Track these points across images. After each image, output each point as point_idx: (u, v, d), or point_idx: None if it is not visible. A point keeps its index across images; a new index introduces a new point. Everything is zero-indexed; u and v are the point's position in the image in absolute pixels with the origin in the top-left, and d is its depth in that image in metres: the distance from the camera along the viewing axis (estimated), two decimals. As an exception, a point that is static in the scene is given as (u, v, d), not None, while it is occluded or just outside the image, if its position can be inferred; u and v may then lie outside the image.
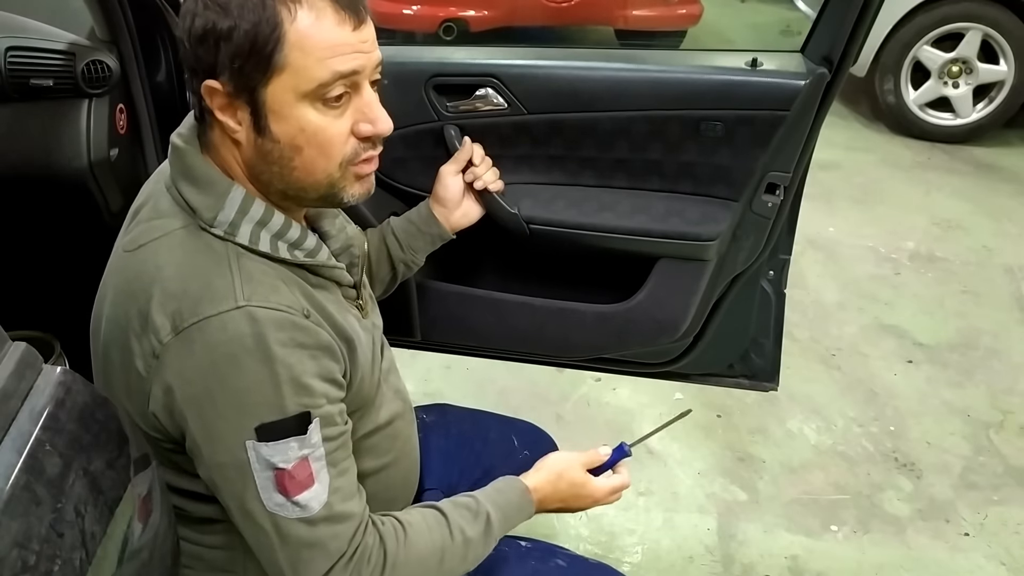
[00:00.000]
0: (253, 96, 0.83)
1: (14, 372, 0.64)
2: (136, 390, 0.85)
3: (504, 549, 1.10)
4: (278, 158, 0.86)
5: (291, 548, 0.85)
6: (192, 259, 0.84)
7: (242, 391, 0.81)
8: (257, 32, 0.80)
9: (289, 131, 0.84)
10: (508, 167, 1.36)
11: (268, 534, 0.84)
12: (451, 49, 1.69)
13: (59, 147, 1.45)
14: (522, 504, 1.03)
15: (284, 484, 0.82)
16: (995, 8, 3.91)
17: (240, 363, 0.80)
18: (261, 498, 0.83)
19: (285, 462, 0.82)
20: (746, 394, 2.29)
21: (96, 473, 0.68)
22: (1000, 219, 3.49)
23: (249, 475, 0.82)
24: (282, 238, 0.88)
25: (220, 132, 0.87)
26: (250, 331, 0.80)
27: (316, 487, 0.84)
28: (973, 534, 1.96)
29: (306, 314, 0.85)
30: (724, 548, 1.91)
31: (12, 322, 0.75)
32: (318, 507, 0.84)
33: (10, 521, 0.57)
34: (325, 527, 0.85)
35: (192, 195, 0.86)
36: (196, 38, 0.82)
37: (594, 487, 1.08)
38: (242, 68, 0.81)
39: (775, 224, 1.39)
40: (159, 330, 0.81)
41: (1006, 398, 2.43)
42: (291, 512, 0.83)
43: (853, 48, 1.24)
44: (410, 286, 1.47)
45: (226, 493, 0.85)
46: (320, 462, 0.84)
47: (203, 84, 0.83)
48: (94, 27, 1.52)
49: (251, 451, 0.81)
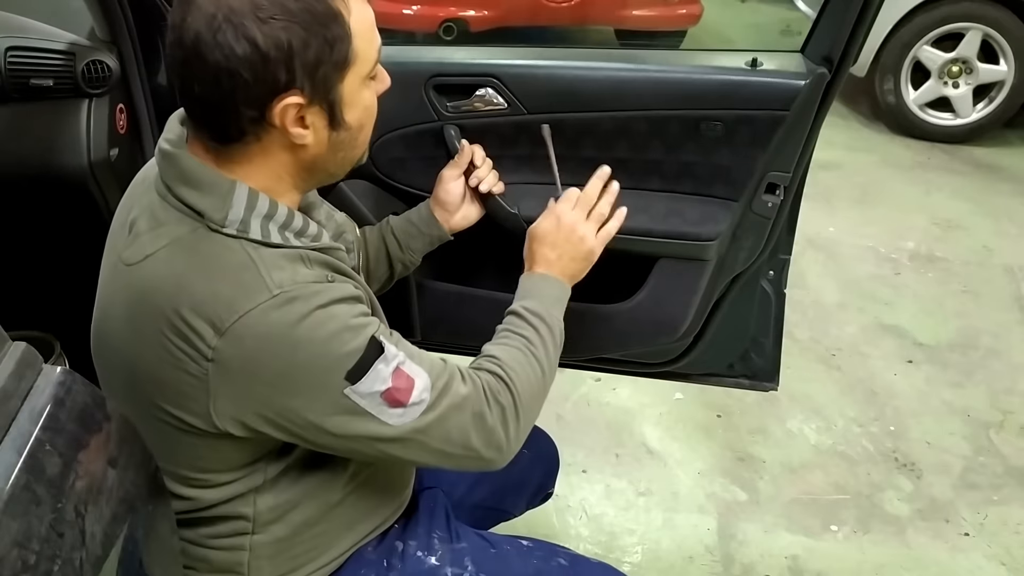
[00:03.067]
0: (330, 96, 0.84)
1: (14, 372, 0.64)
2: (187, 395, 0.85)
3: (506, 548, 1.11)
4: (347, 143, 0.90)
5: (435, 431, 0.89)
6: (211, 261, 0.83)
7: (312, 360, 0.83)
8: (331, 35, 0.81)
9: (358, 115, 0.89)
10: (508, 167, 1.36)
11: (415, 441, 0.88)
12: (451, 49, 1.69)
13: (59, 147, 1.45)
14: (532, 280, 1.10)
15: (395, 398, 0.86)
16: (995, 8, 3.91)
17: (296, 340, 0.82)
18: (387, 422, 0.86)
19: (384, 383, 0.85)
20: (746, 394, 2.29)
21: (96, 473, 0.68)
22: (1000, 219, 3.49)
23: (365, 413, 0.85)
24: (288, 228, 0.88)
25: (262, 146, 0.85)
26: (291, 310, 0.82)
27: (419, 381, 0.88)
28: (973, 534, 1.96)
29: (331, 279, 0.87)
30: (724, 548, 1.91)
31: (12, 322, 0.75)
32: (431, 394, 0.88)
33: (10, 521, 0.57)
34: (444, 398, 0.89)
35: (195, 198, 0.85)
36: (259, 61, 0.78)
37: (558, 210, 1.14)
38: (324, 74, 0.82)
39: (775, 224, 1.39)
40: (202, 334, 0.81)
41: (1006, 398, 2.43)
42: (415, 412, 0.87)
43: (853, 48, 1.24)
44: (410, 286, 1.47)
45: (358, 444, 0.88)
46: (407, 362, 0.88)
47: (280, 104, 0.81)
48: (94, 27, 1.52)
49: (353, 396, 0.84)
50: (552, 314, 1.07)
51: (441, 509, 1.15)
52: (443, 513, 1.15)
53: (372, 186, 1.43)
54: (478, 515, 1.29)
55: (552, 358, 1.04)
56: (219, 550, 0.97)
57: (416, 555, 1.06)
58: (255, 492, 0.94)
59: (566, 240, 1.12)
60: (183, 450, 0.90)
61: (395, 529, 1.10)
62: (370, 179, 1.41)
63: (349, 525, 1.04)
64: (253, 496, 0.94)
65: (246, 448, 0.90)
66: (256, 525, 0.95)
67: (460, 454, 0.92)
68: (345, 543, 1.04)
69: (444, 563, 1.06)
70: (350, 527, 1.04)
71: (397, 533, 1.09)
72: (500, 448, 0.94)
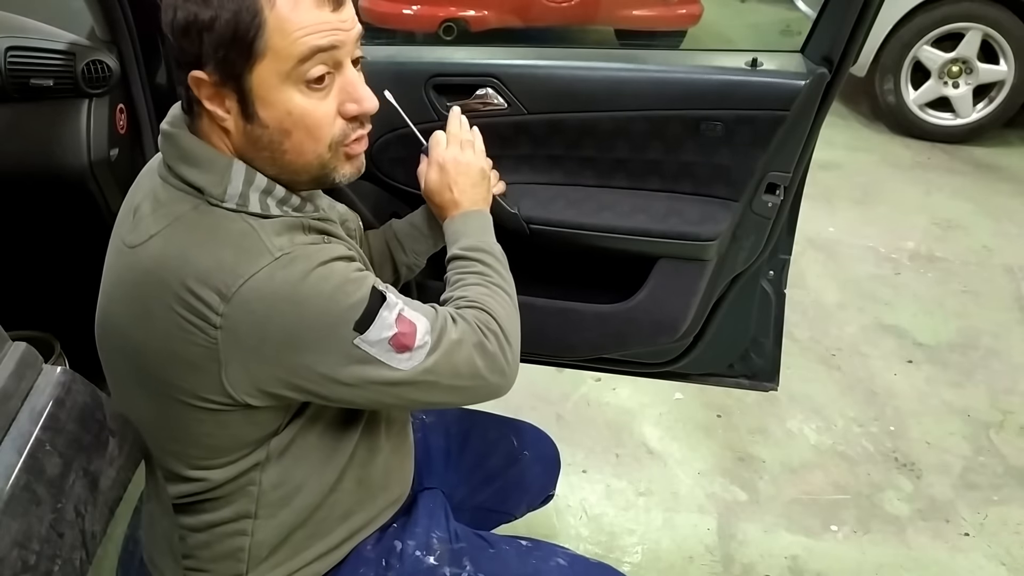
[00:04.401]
0: (239, 83, 0.85)
1: (14, 372, 0.64)
2: (199, 368, 0.85)
3: (505, 548, 1.11)
4: (268, 143, 0.88)
5: (443, 370, 0.91)
6: (213, 234, 0.85)
7: (319, 315, 0.85)
8: (238, 20, 0.82)
9: (277, 116, 0.87)
10: (508, 167, 1.36)
11: (425, 383, 0.91)
12: (451, 49, 1.69)
13: (59, 147, 1.45)
14: (454, 224, 1.12)
15: (401, 343, 0.88)
16: (995, 8, 3.91)
17: (300, 297, 0.84)
18: (396, 367, 0.88)
19: (390, 329, 0.87)
20: (746, 394, 2.30)
21: (96, 473, 0.68)
22: (1000, 219, 3.49)
23: (375, 360, 0.87)
24: (287, 204, 0.91)
25: (209, 121, 0.89)
26: (294, 268, 0.84)
27: (420, 325, 0.90)
28: (973, 534, 1.96)
29: (327, 241, 0.90)
30: (724, 548, 1.91)
31: (12, 322, 0.75)
32: (432, 336, 0.91)
33: (10, 521, 0.57)
34: (443, 337, 0.92)
35: (195, 175, 0.87)
36: (179, 30, 0.84)
37: (432, 157, 1.16)
38: (226, 56, 0.83)
39: (775, 224, 1.39)
40: (209, 303, 0.82)
41: (1006, 398, 2.43)
42: (421, 355, 0.90)
43: (853, 48, 1.24)
44: (410, 286, 1.47)
45: (373, 392, 0.89)
46: (408, 308, 0.90)
47: (189, 75, 0.85)
48: (94, 27, 1.52)
49: (363, 345, 0.86)
50: (487, 241, 1.10)
51: (440, 509, 1.15)
52: (442, 513, 1.15)
53: (372, 186, 1.43)
54: (479, 517, 1.29)
55: (507, 278, 1.07)
56: (220, 537, 0.97)
57: (415, 555, 1.06)
58: (260, 470, 0.95)
59: (457, 175, 1.13)
60: (193, 428, 0.90)
61: (394, 528, 1.10)
62: (370, 179, 1.41)
63: (345, 515, 1.04)
64: (259, 474, 0.95)
65: (255, 424, 0.91)
66: (259, 507, 0.96)
67: (471, 385, 0.95)
68: (341, 533, 1.05)
69: (443, 563, 1.06)
70: (346, 516, 1.04)
71: (396, 532, 1.10)
72: (503, 372, 0.97)
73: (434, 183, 1.14)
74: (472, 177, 1.14)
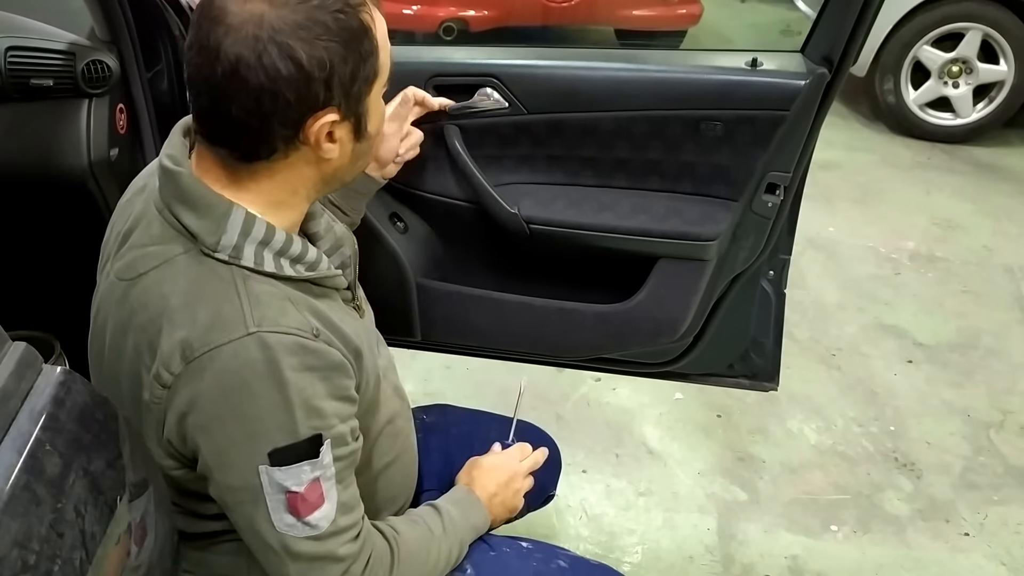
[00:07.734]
0: (359, 110, 0.84)
1: (14, 372, 0.64)
2: (149, 420, 0.85)
3: (506, 550, 1.11)
4: (366, 152, 0.90)
5: (302, 564, 0.86)
6: (197, 287, 0.82)
7: (254, 417, 0.80)
8: (364, 50, 0.80)
9: (377, 124, 0.89)
10: (508, 167, 1.36)
11: (278, 553, 0.85)
12: (451, 49, 1.69)
13: (59, 147, 1.45)
14: (467, 497, 1.10)
15: (296, 506, 0.83)
16: (995, 8, 3.90)
17: (252, 390, 0.80)
18: (272, 520, 0.83)
19: (298, 485, 0.82)
20: (746, 394, 2.29)
21: (96, 473, 0.68)
22: (1000, 219, 3.49)
23: (261, 498, 0.82)
24: (284, 255, 0.86)
25: (288, 162, 0.84)
26: (262, 357, 0.79)
27: (326, 506, 0.84)
28: (973, 534, 1.96)
29: (316, 334, 0.83)
30: (724, 548, 1.91)
31: (12, 322, 0.75)
32: (327, 525, 0.85)
33: (10, 521, 0.57)
34: (332, 540, 0.86)
35: (191, 220, 0.83)
36: (304, 80, 0.77)
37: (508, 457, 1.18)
38: (358, 89, 0.82)
39: (775, 224, 1.39)
40: (169, 361, 0.80)
41: (1006, 398, 2.43)
42: (301, 532, 0.84)
43: (853, 48, 1.24)
44: (410, 286, 1.47)
45: (237, 514, 0.86)
46: (330, 481, 0.84)
47: (317, 123, 0.80)
48: (94, 27, 1.52)
49: (264, 476, 0.81)
50: (464, 538, 1.06)
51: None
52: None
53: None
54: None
55: (441, 568, 1.01)
56: (220, 555, 0.97)
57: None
58: None
59: (506, 486, 1.15)
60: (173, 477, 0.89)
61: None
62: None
63: None
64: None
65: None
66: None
67: None
68: None
69: (443, 565, 1.05)
70: None
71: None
72: None
73: (489, 465, 1.16)
74: (509, 501, 1.15)
